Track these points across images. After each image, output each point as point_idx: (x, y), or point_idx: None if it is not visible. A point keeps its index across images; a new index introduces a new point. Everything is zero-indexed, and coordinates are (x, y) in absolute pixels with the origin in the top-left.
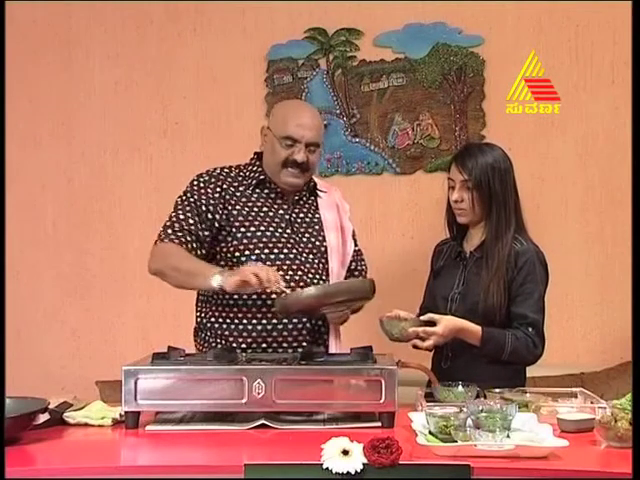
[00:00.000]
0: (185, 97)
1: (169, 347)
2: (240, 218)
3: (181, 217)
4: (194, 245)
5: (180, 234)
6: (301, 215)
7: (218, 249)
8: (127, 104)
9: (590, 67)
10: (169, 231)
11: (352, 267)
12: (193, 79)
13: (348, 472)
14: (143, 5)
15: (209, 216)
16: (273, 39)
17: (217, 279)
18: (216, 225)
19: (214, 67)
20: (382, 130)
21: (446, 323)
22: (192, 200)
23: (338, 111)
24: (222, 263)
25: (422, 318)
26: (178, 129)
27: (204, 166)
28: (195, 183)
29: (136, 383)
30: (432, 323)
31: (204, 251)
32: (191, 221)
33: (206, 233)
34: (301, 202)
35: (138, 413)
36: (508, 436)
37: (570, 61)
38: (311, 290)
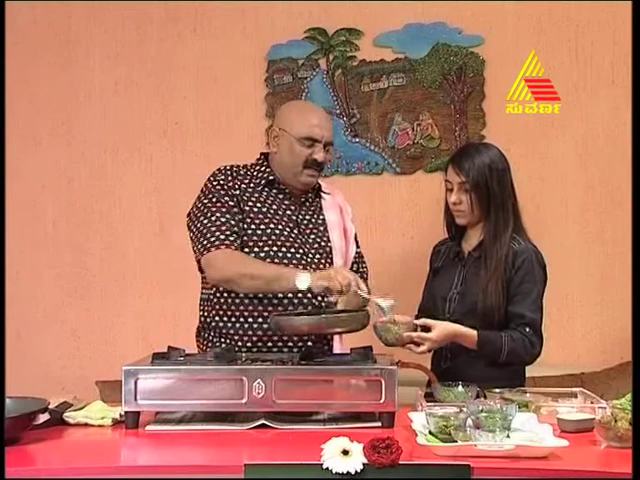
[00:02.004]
0: (185, 97)
1: (169, 347)
2: (251, 215)
3: (223, 220)
4: (243, 246)
5: (232, 238)
6: (307, 217)
7: None
8: (127, 104)
9: (590, 67)
10: (221, 236)
11: (354, 269)
12: (193, 79)
13: (348, 472)
14: (143, 5)
15: (239, 211)
16: (273, 39)
17: (305, 282)
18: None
19: (214, 67)
20: (382, 130)
21: (441, 329)
22: (224, 201)
23: (338, 111)
24: None
25: (416, 322)
26: (178, 129)
27: (204, 166)
28: (215, 183)
29: (136, 383)
30: (427, 327)
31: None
32: (232, 222)
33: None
34: (307, 204)
35: (138, 413)
36: (508, 436)
37: (570, 61)
38: (312, 318)
